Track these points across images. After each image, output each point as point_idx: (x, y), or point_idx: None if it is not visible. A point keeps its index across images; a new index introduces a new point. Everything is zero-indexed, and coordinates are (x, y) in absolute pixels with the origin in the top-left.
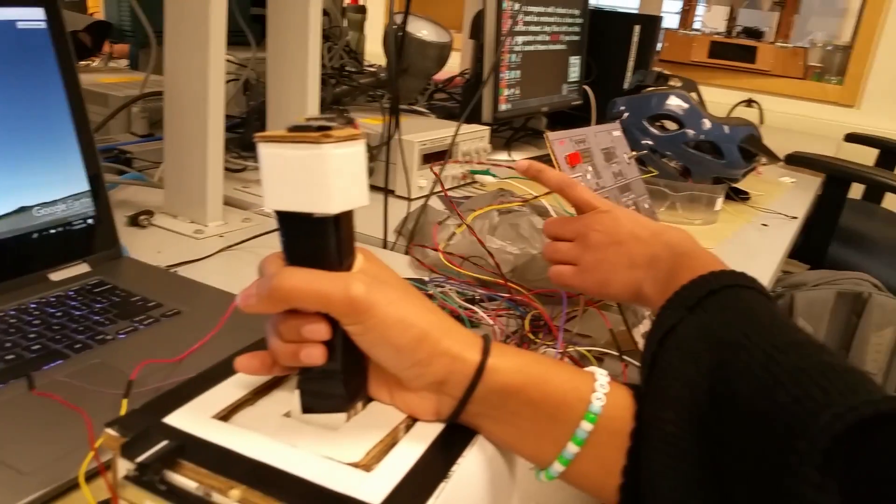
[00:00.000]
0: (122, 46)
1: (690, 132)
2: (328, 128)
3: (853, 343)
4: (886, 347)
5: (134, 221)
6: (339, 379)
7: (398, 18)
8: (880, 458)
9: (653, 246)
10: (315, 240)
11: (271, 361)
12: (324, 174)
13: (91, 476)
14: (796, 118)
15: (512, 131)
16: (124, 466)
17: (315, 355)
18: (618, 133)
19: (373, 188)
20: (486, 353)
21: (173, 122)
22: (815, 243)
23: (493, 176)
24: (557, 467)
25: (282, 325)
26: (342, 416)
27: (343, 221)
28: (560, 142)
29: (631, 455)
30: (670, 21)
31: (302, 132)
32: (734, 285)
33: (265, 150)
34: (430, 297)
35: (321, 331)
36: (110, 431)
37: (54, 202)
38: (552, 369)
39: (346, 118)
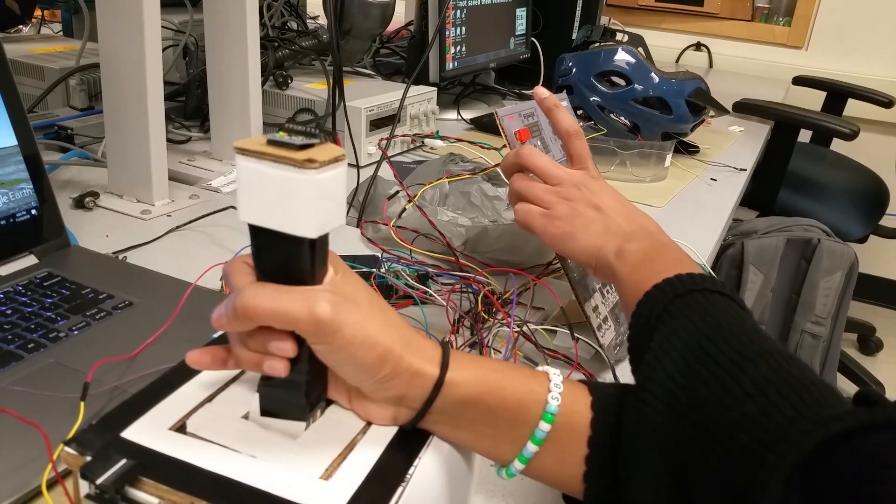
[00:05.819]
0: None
1: (638, 88)
2: (311, 145)
3: (803, 288)
4: (835, 292)
5: (79, 204)
6: (302, 391)
7: None
8: (843, 474)
9: (631, 224)
10: (289, 258)
11: (224, 357)
12: (307, 200)
13: (51, 484)
14: (745, 61)
15: (462, 87)
16: (85, 485)
17: (278, 368)
18: (565, 103)
19: None
20: (444, 367)
21: (111, 94)
22: (764, 190)
23: (443, 139)
24: (518, 465)
25: (249, 337)
26: (302, 423)
27: (320, 241)
28: (509, 118)
29: (592, 444)
30: None
31: (284, 148)
32: (701, 289)
33: (244, 164)
34: (382, 276)
35: (287, 349)
36: (69, 450)
37: None
38: (508, 375)
39: (326, 132)
